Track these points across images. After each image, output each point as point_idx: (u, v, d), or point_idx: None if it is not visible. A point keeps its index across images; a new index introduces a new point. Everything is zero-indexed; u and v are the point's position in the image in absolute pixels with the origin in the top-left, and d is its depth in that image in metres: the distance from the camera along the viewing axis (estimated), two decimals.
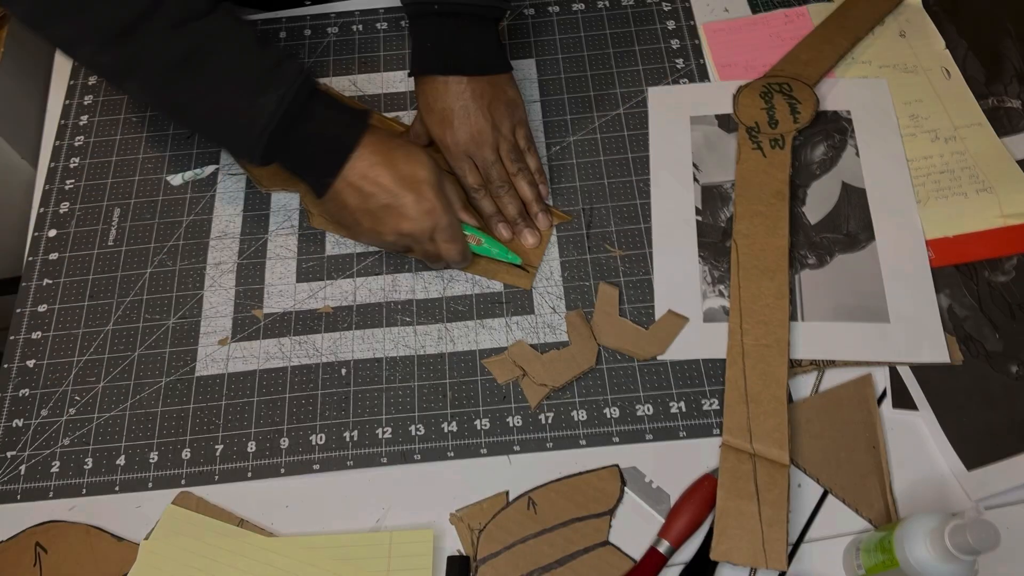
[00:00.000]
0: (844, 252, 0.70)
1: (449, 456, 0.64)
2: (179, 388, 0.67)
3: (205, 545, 0.61)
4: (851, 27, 0.80)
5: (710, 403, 0.65)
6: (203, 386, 0.67)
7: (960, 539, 0.48)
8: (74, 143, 0.80)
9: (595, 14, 0.84)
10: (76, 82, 0.83)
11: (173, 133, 0.80)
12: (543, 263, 0.71)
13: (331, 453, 0.64)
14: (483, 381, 0.67)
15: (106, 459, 0.65)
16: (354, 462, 0.64)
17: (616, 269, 0.71)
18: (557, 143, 0.77)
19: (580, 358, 0.66)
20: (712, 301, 0.68)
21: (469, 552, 0.60)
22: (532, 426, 0.65)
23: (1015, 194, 0.70)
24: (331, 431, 0.65)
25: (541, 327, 0.69)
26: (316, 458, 0.64)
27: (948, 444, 0.62)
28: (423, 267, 0.71)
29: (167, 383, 0.68)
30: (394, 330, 0.69)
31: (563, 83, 0.80)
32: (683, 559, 0.59)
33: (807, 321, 0.67)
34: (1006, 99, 0.76)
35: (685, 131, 0.76)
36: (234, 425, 0.66)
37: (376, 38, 0.84)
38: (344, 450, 0.64)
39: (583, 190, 0.75)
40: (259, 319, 0.70)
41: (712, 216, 0.72)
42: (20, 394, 0.68)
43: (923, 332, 0.66)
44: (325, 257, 0.73)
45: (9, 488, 0.64)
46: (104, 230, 0.75)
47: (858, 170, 0.73)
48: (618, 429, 0.64)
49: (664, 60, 0.81)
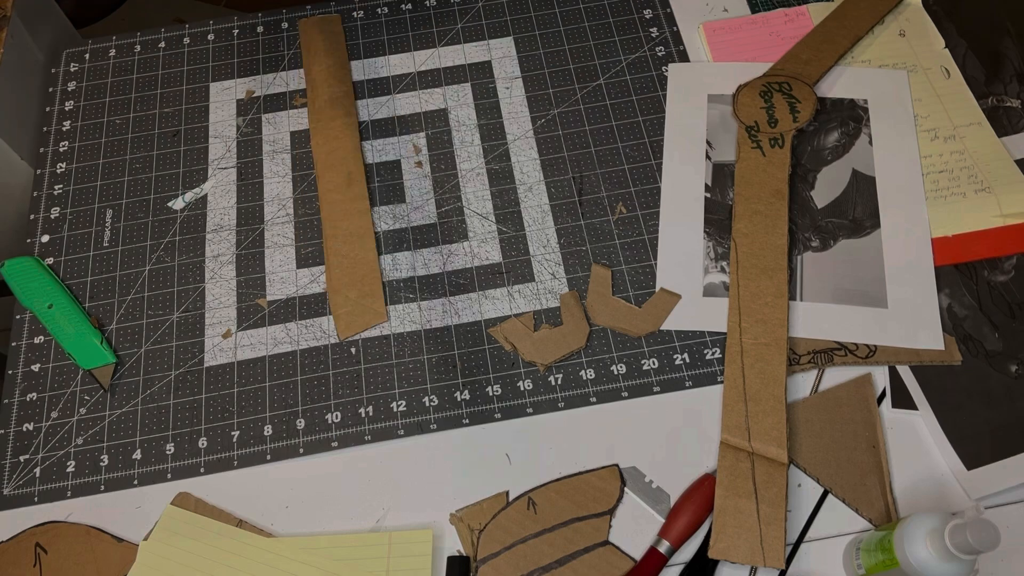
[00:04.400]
0: (848, 237, 0.70)
1: (464, 423, 0.65)
2: (189, 380, 0.68)
3: (204, 546, 0.60)
4: (851, 26, 0.79)
5: (712, 352, 0.67)
6: (213, 376, 0.68)
7: (960, 539, 0.47)
8: (59, 148, 0.79)
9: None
10: (55, 88, 0.83)
11: (159, 132, 0.80)
12: (539, 231, 0.73)
13: (348, 430, 0.65)
14: (491, 349, 0.68)
15: (122, 454, 0.65)
16: (371, 436, 0.65)
17: (611, 232, 0.72)
18: (542, 116, 0.79)
19: (571, 338, 0.68)
20: (713, 276, 0.69)
21: (469, 552, 0.60)
22: (543, 388, 0.66)
23: (1014, 194, 0.71)
24: (346, 408, 0.66)
25: (543, 293, 0.70)
26: (334, 435, 0.65)
27: (948, 444, 0.62)
28: (421, 245, 0.73)
29: (177, 376, 0.68)
30: (399, 307, 0.70)
31: (542, 58, 0.82)
32: (683, 559, 0.60)
33: (806, 301, 0.68)
34: (1006, 99, 0.76)
35: (702, 108, 0.77)
36: (249, 411, 0.66)
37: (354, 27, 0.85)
38: (361, 425, 0.65)
39: (571, 159, 0.76)
40: (263, 307, 0.71)
41: (721, 194, 0.73)
42: (28, 398, 0.68)
43: (920, 320, 0.66)
44: (323, 242, 0.73)
45: (26, 491, 0.64)
46: (98, 232, 0.75)
47: (870, 159, 0.73)
48: (626, 384, 0.66)
49: (639, 30, 0.83)
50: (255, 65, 0.84)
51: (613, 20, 0.84)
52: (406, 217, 0.74)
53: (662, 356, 0.67)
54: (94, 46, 0.86)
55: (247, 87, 0.82)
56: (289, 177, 0.77)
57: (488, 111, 0.79)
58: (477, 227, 0.73)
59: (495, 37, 0.84)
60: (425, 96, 0.81)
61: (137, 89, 0.83)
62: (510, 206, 0.74)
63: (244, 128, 0.80)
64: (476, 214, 0.74)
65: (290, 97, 0.81)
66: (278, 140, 0.79)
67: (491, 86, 0.81)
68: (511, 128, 0.78)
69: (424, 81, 0.82)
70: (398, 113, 0.80)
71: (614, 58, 0.82)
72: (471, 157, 0.77)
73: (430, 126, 0.79)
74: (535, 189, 0.75)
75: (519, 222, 0.73)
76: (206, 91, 0.82)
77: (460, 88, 0.81)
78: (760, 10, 0.84)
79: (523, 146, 0.77)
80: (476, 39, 0.84)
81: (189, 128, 0.80)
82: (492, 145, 0.78)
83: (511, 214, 0.74)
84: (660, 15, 0.84)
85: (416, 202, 0.75)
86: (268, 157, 0.78)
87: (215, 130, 0.80)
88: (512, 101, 0.80)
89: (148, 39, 0.86)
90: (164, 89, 0.83)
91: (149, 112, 0.81)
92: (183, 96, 0.82)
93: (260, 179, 0.77)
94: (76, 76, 0.84)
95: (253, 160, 0.78)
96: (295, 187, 0.76)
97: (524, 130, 0.78)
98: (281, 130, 0.80)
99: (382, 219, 0.74)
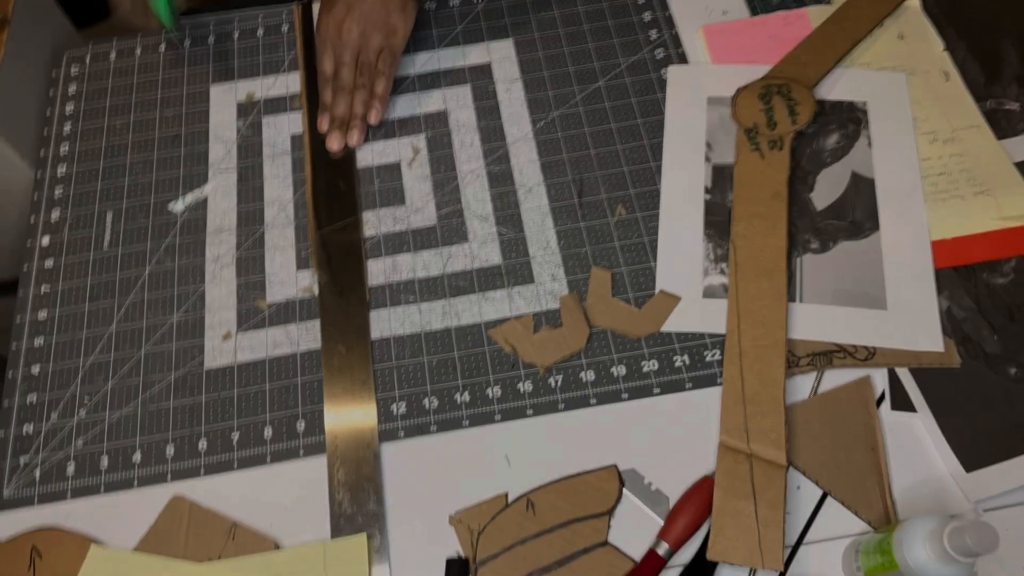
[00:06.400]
0: (847, 239, 0.70)
1: (465, 425, 0.65)
2: (189, 382, 0.68)
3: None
4: (850, 29, 0.79)
5: (712, 354, 0.67)
6: (213, 378, 0.68)
7: (959, 541, 0.47)
8: (60, 151, 0.79)
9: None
10: (56, 91, 0.83)
11: (159, 135, 0.80)
12: (539, 233, 0.73)
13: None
14: (490, 351, 0.68)
15: (122, 456, 0.65)
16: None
17: (610, 234, 0.72)
18: (542, 118, 0.79)
19: (571, 340, 0.68)
20: (713, 278, 0.69)
21: (468, 554, 0.60)
22: (543, 390, 0.66)
23: (1013, 196, 0.71)
24: None
25: (543, 295, 0.70)
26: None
27: (947, 446, 0.62)
28: (421, 247, 0.73)
29: (176, 378, 0.68)
30: (399, 309, 0.70)
31: (542, 61, 0.82)
32: (682, 561, 0.59)
33: (806, 303, 0.68)
34: (1005, 101, 0.75)
35: (701, 110, 0.77)
36: (249, 412, 0.66)
37: None
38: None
39: (571, 161, 0.76)
40: (263, 309, 0.71)
41: (720, 196, 0.73)
42: (28, 400, 0.68)
43: (920, 322, 0.66)
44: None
45: (26, 493, 0.64)
46: (98, 234, 0.75)
47: (869, 161, 0.73)
48: (626, 386, 0.66)
49: (638, 32, 0.83)
50: (255, 67, 0.84)
51: (613, 23, 0.84)
52: (406, 219, 0.74)
53: (662, 358, 0.67)
54: (95, 49, 0.86)
55: (247, 89, 0.82)
56: (289, 180, 0.77)
57: (488, 113, 0.80)
58: (477, 229, 0.73)
59: (495, 39, 0.84)
60: (424, 98, 0.81)
61: (138, 92, 0.83)
62: (510, 208, 0.74)
63: (244, 131, 0.80)
64: (476, 216, 0.74)
65: (290, 100, 0.82)
66: (278, 143, 0.79)
67: (491, 88, 0.81)
68: (511, 130, 0.78)
69: (423, 83, 0.82)
70: (397, 115, 0.80)
71: (614, 60, 0.82)
72: (471, 159, 0.77)
73: (429, 128, 0.79)
74: (535, 191, 0.75)
75: (519, 224, 0.73)
76: (206, 94, 0.82)
77: (460, 90, 0.81)
78: (760, 13, 0.84)
79: (523, 148, 0.77)
80: (475, 41, 0.84)
81: (189, 131, 0.80)
82: (492, 147, 0.78)
83: (511, 216, 0.74)
84: (660, 18, 0.84)
85: (416, 204, 0.75)
86: (268, 160, 0.78)
87: (215, 132, 0.80)
88: (512, 103, 0.80)
89: (149, 42, 0.86)
90: (165, 92, 0.83)
91: (150, 115, 0.81)
92: (183, 99, 0.82)
93: (260, 181, 0.77)
94: (77, 79, 0.84)
95: (253, 162, 0.78)
96: (295, 189, 0.76)
97: (524, 132, 0.78)
98: (281, 132, 0.80)
99: (382, 221, 0.74)
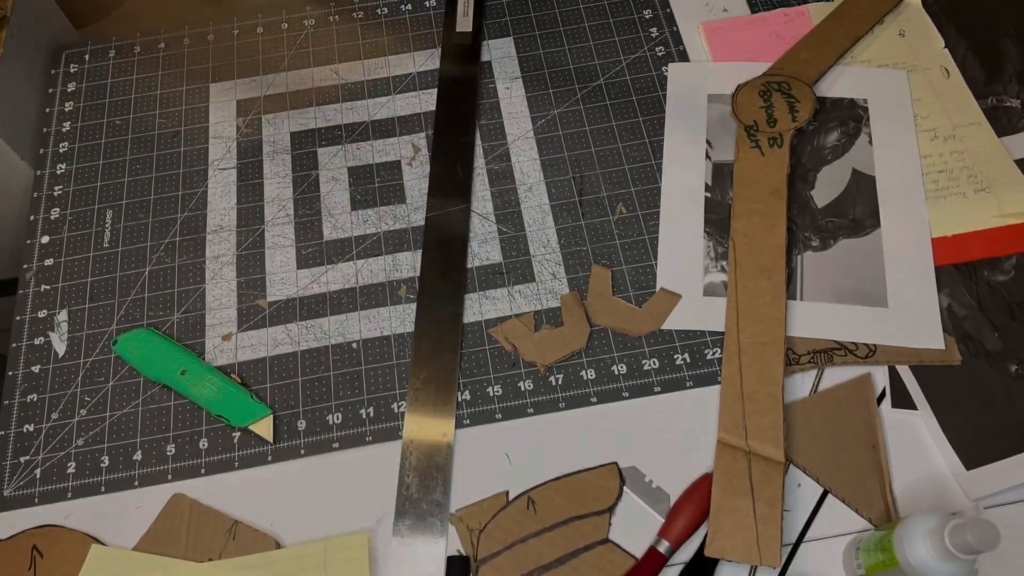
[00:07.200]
0: (848, 237, 0.70)
1: (465, 424, 0.65)
2: None
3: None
4: (851, 26, 0.79)
5: (713, 352, 0.67)
6: None
7: (960, 539, 0.47)
8: (59, 149, 0.79)
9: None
10: (55, 89, 0.83)
11: (159, 133, 0.80)
12: (539, 231, 0.73)
13: (349, 431, 0.65)
14: (491, 350, 0.68)
15: (123, 455, 0.65)
16: (372, 437, 0.65)
17: (611, 232, 0.72)
18: (542, 116, 0.79)
19: (572, 339, 0.68)
20: (714, 276, 0.69)
21: (469, 552, 0.60)
22: (543, 388, 0.66)
23: (1014, 193, 0.71)
24: (347, 409, 0.66)
25: (543, 293, 0.70)
26: (335, 436, 0.65)
27: (947, 444, 0.62)
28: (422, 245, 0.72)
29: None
30: (399, 307, 0.70)
31: (542, 59, 0.82)
32: (683, 558, 0.59)
33: (806, 301, 0.68)
34: (1005, 98, 0.75)
35: (702, 108, 0.77)
36: None
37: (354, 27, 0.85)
38: (361, 427, 0.65)
39: (571, 159, 0.76)
40: (264, 308, 0.71)
41: (721, 194, 0.73)
42: (28, 399, 0.68)
43: (921, 320, 0.66)
44: (324, 243, 0.73)
45: (26, 492, 0.64)
46: (98, 233, 0.75)
47: (870, 158, 0.73)
48: (627, 384, 0.66)
49: (638, 30, 0.83)
50: (255, 66, 0.83)
51: (613, 20, 0.84)
52: (407, 218, 0.74)
53: (663, 356, 0.67)
54: (94, 47, 0.86)
55: (247, 88, 0.82)
56: (289, 178, 0.77)
57: (488, 111, 0.79)
58: (477, 227, 0.73)
59: (495, 37, 0.84)
60: (425, 96, 0.81)
61: (137, 90, 0.83)
62: (510, 206, 0.74)
63: (244, 129, 0.80)
64: (476, 214, 0.74)
65: (290, 98, 0.81)
66: (278, 141, 0.79)
67: (491, 86, 0.81)
68: (511, 128, 0.78)
69: (424, 81, 0.82)
70: (398, 114, 0.80)
71: (614, 58, 0.82)
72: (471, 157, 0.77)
73: (430, 126, 0.79)
74: (535, 189, 0.75)
75: (519, 222, 0.73)
76: (206, 92, 0.82)
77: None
78: (760, 10, 0.84)
79: (523, 146, 0.77)
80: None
81: (189, 129, 0.80)
82: (492, 145, 0.78)
83: (511, 214, 0.74)
84: (660, 15, 0.84)
85: (416, 203, 0.75)
86: (268, 158, 0.78)
87: (215, 131, 0.80)
88: (512, 101, 0.80)
89: (148, 40, 0.86)
90: (164, 90, 0.83)
91: (149, 113, 0.81)
92: (183, 97, 0.82)
93: (260, 180, 0.77)
94: (76, 77, 0.84)
95: (253, 161, 0.78)
96: (295, 188, 0.76)
97: (524, 130, 0.78)
98: (281, 131, 0.80)
99: (383, 219, 0.74)
